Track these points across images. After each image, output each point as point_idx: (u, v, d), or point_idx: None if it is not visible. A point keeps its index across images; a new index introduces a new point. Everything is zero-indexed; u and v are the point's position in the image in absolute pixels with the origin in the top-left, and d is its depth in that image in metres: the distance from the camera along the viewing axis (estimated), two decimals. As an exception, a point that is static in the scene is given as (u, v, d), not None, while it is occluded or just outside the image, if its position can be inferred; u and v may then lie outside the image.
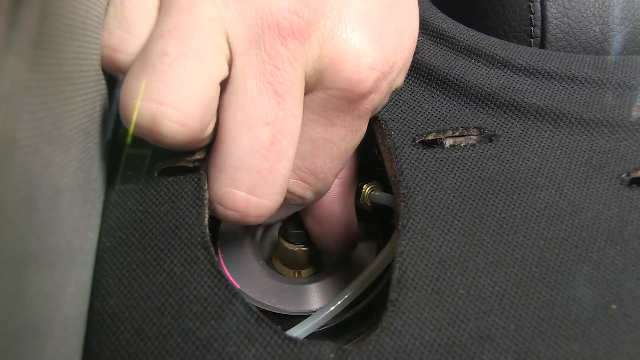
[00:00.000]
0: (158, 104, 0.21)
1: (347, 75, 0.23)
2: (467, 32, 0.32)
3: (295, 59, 0.23)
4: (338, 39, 0.23)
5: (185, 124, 0.22)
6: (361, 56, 0.23)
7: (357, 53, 0.23)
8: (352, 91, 0.24)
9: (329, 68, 0.23)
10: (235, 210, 0.24)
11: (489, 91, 0.28)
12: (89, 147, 0.22)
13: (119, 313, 0.22)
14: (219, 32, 0.22)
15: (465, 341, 0.21)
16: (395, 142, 0.27)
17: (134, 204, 0.25)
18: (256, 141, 0.23)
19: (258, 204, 0.24)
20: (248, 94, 0.23)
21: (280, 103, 0.23)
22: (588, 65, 0.29)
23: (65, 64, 0.20)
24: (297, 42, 0.23)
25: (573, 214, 0.24)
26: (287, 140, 0.23)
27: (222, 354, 0.21)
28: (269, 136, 0.23)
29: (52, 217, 0.18)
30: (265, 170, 0.23)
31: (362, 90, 0.24)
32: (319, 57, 0.23)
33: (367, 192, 0.32)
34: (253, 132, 0.23)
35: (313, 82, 0.24)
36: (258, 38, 0.23)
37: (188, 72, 0.22)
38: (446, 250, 0.23)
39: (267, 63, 0.23)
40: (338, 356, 0.21)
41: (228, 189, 0.23)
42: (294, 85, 0.23)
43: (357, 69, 0.23)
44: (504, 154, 0.26)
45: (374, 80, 0.24)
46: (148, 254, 0.23)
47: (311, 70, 0.23)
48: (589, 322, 0.21)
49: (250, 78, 0.23)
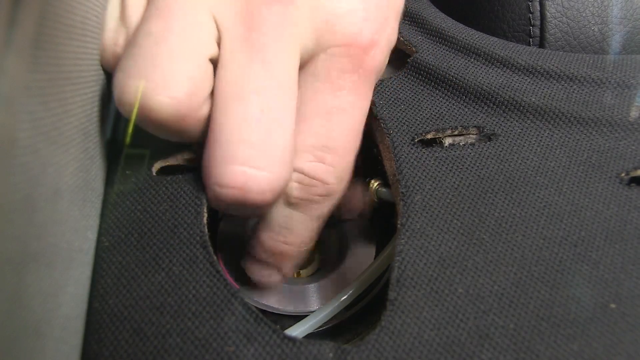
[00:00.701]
0: (145, 80, 0.21)
1: (344, 30, 0.23)
2: (466, 31, 0.32)
3: (281, 24, 0.23)
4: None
5: (173, 97, 0.22)
6: (354, 10, 0.24)
7: (349, 8, 0.23)
8: (352, 45, 0.24)
9: (323, 27, 0.23)
10: (234, 186, 0.22)
11: (488, 90, 0.28)
12: (88, 147, 0.22)
13: (118, 313, 0.22)
14: (204, 12, 0.23)
15: (464, 340, 0.21)
16: (395, 141, 0.27)
17: (133, 204, 0.25)
18: (246, 111, 0.22)
19: (257, 177, 0.22)
20: (236, 65, 0.23)
21: (268, 70, 0.23)
22: (587, 65, 0.29)
23: (64, 64, 0.20)
24: (281, 6, 0.23)
25: (572, 213, 0.24)
26: (279, 108, 0.23)
27: (221, 353, 0.21)
28: (259, 105, 0.22)
29: (51, 217, 0.18)
30: (260, 141, 0.22)
31: (361, 42, 0.24)
32: (311, 19, 0.23)
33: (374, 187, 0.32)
34: (242, 102, 0.23)
35: (311, 47, 0.24)
36: (243, 9, 0.23)
37: (173, 48, 0.22)
38: (445, 249, 0.23)
39: (253, 31, 0.23)
40: (337, 356, 0.21)
41: (224, 165, 0.22)
42: (283, 51, 0.23)
43: (352, 20, 0.24)
44: (503, 153, 0.26)
45: (371, 32, 0.24)
46: (147, 254, 0.23)
47: (305, 33, 0.23)
48: (588, 321, 0.21)
49: (237, 49, 0.23)
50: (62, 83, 0.19)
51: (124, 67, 0.22)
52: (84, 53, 0.21)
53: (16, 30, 0.15)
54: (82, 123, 0.22)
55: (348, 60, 0.24)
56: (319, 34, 0.23)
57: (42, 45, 0.17)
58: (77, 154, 0.21)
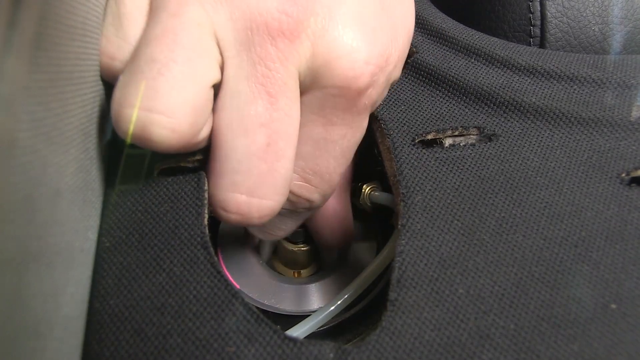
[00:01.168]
0: (147, 112, 0.21)
1: (342, 72, 0.23)
2: (466, 31, 0.32)
3: (286, 59, 0.23)
4: (330, 37, 0.23)
5: (175, 129, 0.22)
6: (355, 52, 0.23)
7: (350, 49, 0.23)
8: (349, 88, 0.24)
9: (323, 66, 0.23)
10: (237, 213, 0.24)
11: (488, 91, 0.28)
12: (88, 148, 0.22)
13: (119, 313, 0.22)
14: (209, 36, 0.22)
15: (464, 341, 0.21)
16: (395, 141, 0.27)
17: (134, 204, 0.25)
18: (252, 144, 0.23)
19: (260, 205, 0.24)
20: (241, 97, 0.23)
21: (273, 104, 0.23)
22: (587, 65, 0.29)
23: (64, 65, 0.20)
24: (287, 42, 0.22)
25: (573, 213, 0.24)
26: (283, 140, 0.23)
27: (222, 353, 0.21)
28: (265, 138, 0.23)
29: (51, 218, 0.18)
30: (264, 171, 0.23)
31: (358, 86, 0.24)
32: (312, 55, 0.23)
33: (367, 192, 0.32)
34: (249, 134, 0.23)
35: (308, 82, 0.24)
36: (248, 40, 0.23)
37: (177, 78, 0.21)
38: (446, 249, 0.23)
39: (258, 64, 0.23)
40: (338, 356, 0.21)
41: (229, 193, 0.23)
42: (286, 85, 0.23)
43: (351, 65, 0.23)
44: (503, 154, 0.26)
45: (370, 75, 0.24)
46: (148, 254, 0.23)
47: (305, 69, 0.23)
48: (589, 321, 0.21)
49: (242, 80, 0.23)
50: (62, 83, 0.19)
51: (125, 93, 0.22)
52: (84, 54, 0.21)
53: (16, 30, 0.15)
54: (83, 123, 0.22)
55: (343, 100, 0.24)
56: (318, 72, 0.23)
57: (43, 46, 0.17)
58: (77, 155, 0.21)
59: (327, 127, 0.25)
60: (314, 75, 0.23)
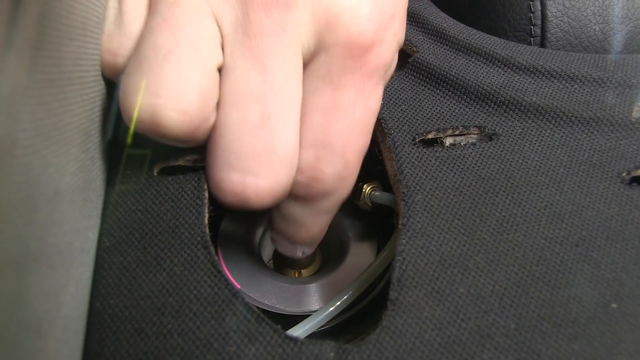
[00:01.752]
0: (156, 97, 0.21)
1: (345, 29, 0.23)
2: (467, 31, 0.32)
3: (282, 28, 0.22)
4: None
5: (185, 112, 0.21)
6: (356, 8, 0.23)
7: (350, 5, 0.23)
8: (354, 44, 0.23)
9: (325, 27, 0.23)
10: (233, 193, 0.23)
11: (489, 90, 0.28)
12: (89, 148, 0.22)
13: (119, 313, 0.22)
14: (209, 19, 0.22)
15: (465, 340, 0.21)
16: (395, 141, 0.27)
17: (134, 204, 0.25)
18: (245, 120, 0.22)
19: (256, 184, 0.23)
20: (237, 72, 0.23)
21: (268, 78, 0.22)
22: (588, 64, 0.29)
23: (65, 64, 0.20)
24: (281, 11, 0.22)
25: (573, 212, 0.24)
26: (279, 115, 0.23)
27: (222, 353, 0.21)
28: (258, 113, 0.22)
29: (52, 218, 0.18)
30: (258, 149, 0.22)
31: (363, 42, 0.23)
32: (312, 19, 0.23)
33: (367, 191, 0.32)
34: (241, 110, 0.22)
35: (313, 47, 0.23)
36: (244, 15, 0.22)
37: (182, 62, 0.22)
38: (446, 249, 0.23)
39: (254, 38, 0.22)
40: (338, 355, 0.21)
41: (223, 172, 0.23)
42: (284, 56, 0.23)
43: (353, 20, 0.23)
44: (504, 153, 0.26)
45: (374, 31, 0.23)
46: (148, 254, 0.23)
47: (306, 35, 0.23)
48: (590, 321, 0.21)
49: (238, 57, 0.23)
50: (62, 83, 0.19)
51: (132, 82, 0.22)
52: (84, 53, 0.21)
53: (16, 30, 0.15)
54: (83, 123, 0.22)
55: (350, 60, 0.23)
56: (320, 34, 0.23)
57: (43, 46, 0.17)
58: (77, 155, 0.21)
59: (335, 92, 0.24)
60: (318, 39, 0.23)
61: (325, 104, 0.24)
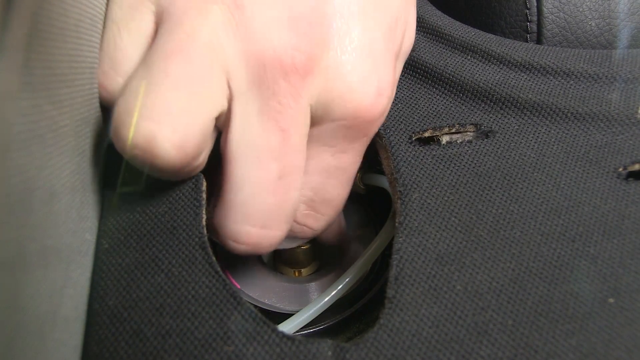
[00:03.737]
0: (157, 124, 0.21)
1: (356, 105, 0.23)
2: (462, 28, 0.32)
3: (298, 94, 0.23)
4: (343, 70, 0.23)
5: (182, 147, 0.21)
6: (367, 84, 0.23)
7: (363, 82, 0.23)
8: (362, 119, 0.24)
9: (335, 99, 0.23)
10: (248, 244, 0.24)
11: (485, 87, 0.28)
12: (85, 150, 0.23)
13: (118, 314, 0.22)
14: (220, 66, 0.22)
15: (462, 337, 0.21)
16: (392, 139, 0.27)
17: (132, 205, 0.25)
18: (265, 177, 0.23)
19: (269, 236, 0.24)
20: (254, 131, 0.23)
21: (285, 139, 0.23)
22: (584, 60, 0.29)
23: (59, 67, 0.20)
24: (299, 77, 0.22)
25: (570, 208, 0.24)
26: (294, 174, 0.24)
27: (221, 353, 0.21)
28: (277, 171, 0.23)
29: (48, 220, 0.18)
30: (275, 204, 0.24)
31: (371, 117, 0.24)
32: (324, 89, 0.23)
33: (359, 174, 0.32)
34: (262, 168, 0.23)
35: (320, 114, 0.24)
36: (260, 75, 0.22)
37: (190, 96, 0.21)
38: (443, 246, 0.23)
39: (271, 100, 0.22)
40: (336, 354, 0.21)
41: (240, 225, 0.24)
42: (297, 119, 0.23)
43: (365, 97, 0.23)
44: (500, 150, 0.26)
45: (384, 106, 0.24)
46: (146, 255, 0.23)
47: (316, 102, 0.23)
48: (587, 316, 0.21)
49: (254, 115, 0.23)
50: (57, 85, 0.19)
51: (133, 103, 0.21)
52: (78, 55, 0.21)
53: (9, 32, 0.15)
54: (78, 125, 0.22)
55: (355, 130, 0.24)
56: (329, 105, 0.23)
57: (36, 48, 0.18)
58: (73, 156, 0.21)
59: (337, 155, 0.25)
60: (326, 108, 0.24)
61: (326, 167, 0.25)
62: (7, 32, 0.15)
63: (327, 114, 0.24)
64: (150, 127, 0.21)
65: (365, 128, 0.25)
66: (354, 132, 0.24)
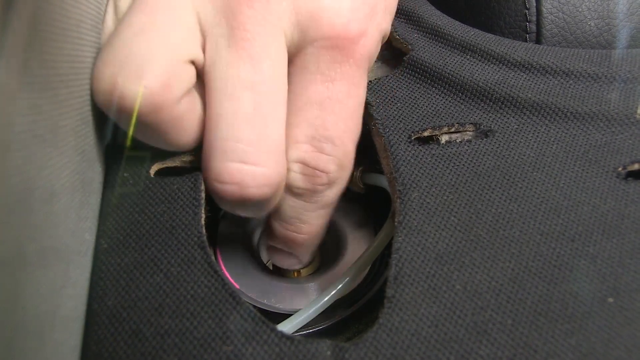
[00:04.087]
0: (119, 68, 0.21)
1: (329, 22, 0.23)
2: (462, 28, 0.32)
3: (264, 19, 0.23)
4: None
5: (146, 85, 0.22)
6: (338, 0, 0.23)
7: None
8: (340, 37, 0.24)
9: (308, 20, 0.23)
10: (232, 182, 0.23)
11: (484, 87, 0.28)
12: (84, 149, 0.23)
13: (117, 314, 0.22)
14: (188, 10, 0.23)
15: (462, 336, 0.21)
16: (391, 139, 0.27)
17: (131, 205, 0.25)
18: (238, 109, 0.23)
19: (254, 172, 0.23)
20: (223, 63, 0.23)
21: (256, 67, 0.23)
22: (583, 60, 0.29)
23: (59, 67, 0.20)
24: (263, 1, 0.23)
25: (569, 208, 0.24)
26: (270, 103, 0.23)
27: (220, 353, 0.21)
28: (250, 102, 0.23)
29: (47, 219, 0.18)
30: (254, 137, 0.23)
31: (349, 34, 0.24)
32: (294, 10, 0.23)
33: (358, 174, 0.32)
34: (234, 100, 0.23)
35: (297, 39, 0.24)
36: (225, 6, 0.23)
37: (151, 40, 0.22)
38: (442, 246, 0.23)
39: (237, 29, 0.23)
40: (335, 353, 0.21)
41: (221, 162, 0.23)
42: (268, 46, 0.23)
43: (337, 13, 0.23)
44: (500, 149, 0.26)
45: (360, 21, 0.24)
46: (145, 255, 0.23)
47: (289, 26, 0.23)
48: (586, 315, 0.21)
49: (223, 47, 0.23)
50: (57, 86, 0.19)
51: (102, 55, 0.22)
52: (79, 55, 0.22)
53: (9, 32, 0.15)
54: (78, 125, 0.22)
55: (337, 51, 0.24)
56: (304, 27, 0.23)
57: (36, 48, 0.18)
58: (73, 157, 0.21)
59: (327, 84, 0.25)
60: (301, 31, 0.23)
61: (320, 97, 0.25)
62: (7, 32, 0.15)
63: (303, 37, 0.24)
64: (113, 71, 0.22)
65: (347, 49, 0.24)
66: (336, 54, 0.24)
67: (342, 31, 0.24)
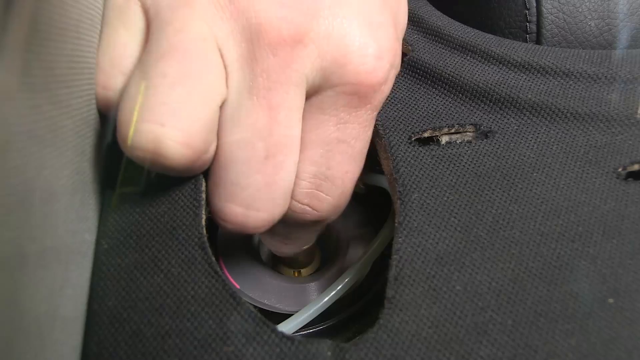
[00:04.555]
0: (160, 125, 0.21)
1: (354, 68, 0.23)
2: (461, 28, 0.32)
3: (288, 66, 0.22)
4: (336, 35, 0.23)
5: (189, 145, 0.21)
6: (364, 47, 0.23)
7: (359, 45, 0.23)
8: (363, 84, 0.23)
9: (332, 65, 0.23)
10: (234, 223, 0.24)
11: (484, 87, 0.28)
12: (84, 150, 0.23)
13: (117, 314, 0.22)
14: (214, 51, 0.22)
15: (462, 337, 0.21)
16: (391, 140, 0.27)
17: (132, 206, 0.25)
18: (251, 157, 0.23)
19: (256, 217, 0.23)
20: (242, 110, 0.23)
21: (274, 117, 0.22)
22: (583, 60, 0.29)
23: (58, 67, 0.20)
24: (288, 49, 0.22)
25: (569, 208, 0.24)
26: (283, 153, 0.23)
27: (220, 353, 0.21)
28: (264, 151, 0.23)
29: (47, 220, 0.18)
30: (262, 184, 0.23)
31: (372, 81, 0.23)
32: (319, 56, 0.23)
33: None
34: (247, 148, 0.23)
35: (318, 83, 0.23)
36: (249, 52, 0.22)
37: (190, 93, 0.21)
38: (443, 246, 0.23)
39: (259, 76, 0.22)
40: (335, 354, 0.21)
41: (226, 203, 0.23)
42: (288, 94, 0.23)
43: (363, 60, 0.23)
44: (500, 150, 0.26)
45: (385, 71, 0.23)
46: (145, 255, 0.23)
47: (312, 71, 0.23)
48: (586, 316, 0.21)
49: (244, 93, 0.22)
50: (56, 86, 0.19)
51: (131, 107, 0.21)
52: (78, 56, 0.21)
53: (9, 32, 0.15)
54: (78, 126, 0.22)
55: (356, 97, 0.24)
56: (327, 72, 0.23)
57: (35, 49, 0.18)
58: (73, 157, 0.21)
59: (339, 126, 0.24)
60: (324, 75, 0.23)
61: (329, 137, 0.24)
62: (7, 32, 0.15)
63: (325, 81, 0.23)
64: (154, 129, 0.21)
65: (367, 95, 0.24)
66: (356, 99, 0.24)
67: (365, 79, 0.23)
